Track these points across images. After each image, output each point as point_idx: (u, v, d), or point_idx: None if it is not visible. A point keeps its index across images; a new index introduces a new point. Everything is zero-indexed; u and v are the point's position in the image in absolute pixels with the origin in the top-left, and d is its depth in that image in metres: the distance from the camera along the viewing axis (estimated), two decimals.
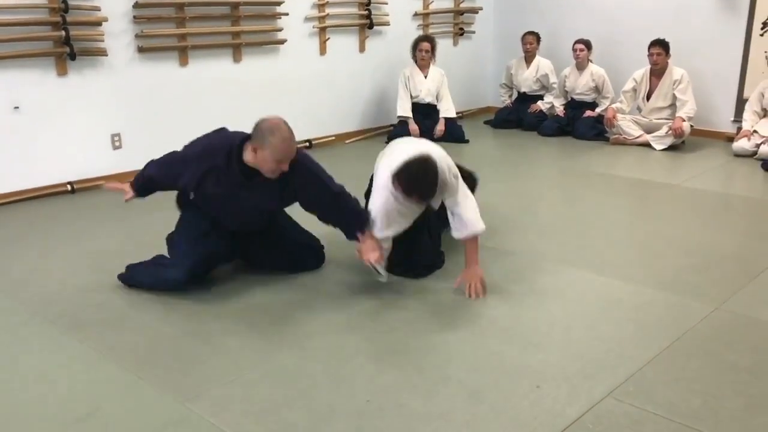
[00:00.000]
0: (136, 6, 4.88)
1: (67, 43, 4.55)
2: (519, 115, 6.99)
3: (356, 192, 3.33)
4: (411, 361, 2.58)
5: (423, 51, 6.39)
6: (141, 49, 4.96)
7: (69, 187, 4.67)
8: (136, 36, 4.94)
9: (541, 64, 6.95)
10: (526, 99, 7.07)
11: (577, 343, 2.72)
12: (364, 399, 2.33)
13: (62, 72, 4.63)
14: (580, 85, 6.60)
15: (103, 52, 4.75)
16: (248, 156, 2.90)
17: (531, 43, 6.92)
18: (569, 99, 6.76)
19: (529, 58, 7.00)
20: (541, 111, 6.89)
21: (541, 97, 7.00)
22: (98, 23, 4.72)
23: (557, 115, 6.74)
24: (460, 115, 7.14)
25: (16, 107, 4.46)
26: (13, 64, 4.42)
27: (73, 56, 4.58)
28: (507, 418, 2.23)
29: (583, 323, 2.88)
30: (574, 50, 6.52)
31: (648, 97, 6.17)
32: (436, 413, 2.25)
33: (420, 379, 2.45)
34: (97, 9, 4.71)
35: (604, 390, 2.37)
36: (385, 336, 2.77)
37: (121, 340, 2.75)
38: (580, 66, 6.57)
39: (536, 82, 7.00)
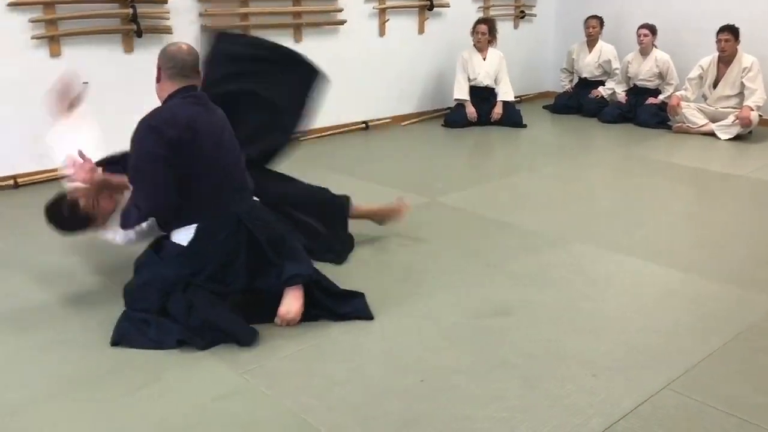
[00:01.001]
0: None
1: (135, 21, 4.65)
2: (579, 100, 6.87)
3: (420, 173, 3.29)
4: (465, 344, 2.58)
5: (480, 33, 6.33)
6: (205, 28, 5.03)
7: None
8: (200, 14, 5.02)
9: (604, 49, 6.80)
10: (587, 84, 6.94)
11: (634, 332, 2.67)
12: (417, 379, 2.34)
13: (129, 49, 4.74)
14: (644, 71, 6.44)
15: (168, 30, 4.84)
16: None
17: (594, 27, 6.77)
18: (631, 85, 6.60)
19: (591, 42, 6.86)
20: (602, 97, 6.75)
21: (602, 83, 6.87)
22: (164, 1, 4.80)
23: (619, 101, 6.60)
24: (519, 99, 7.06)
25: (85, 82, 4.57)
26: (82, 41, 4.54)
27: (139, 34, 4.69)
28: (562, 405, 2.21)
29: (640, 313, 2.83)
30: (638, 35, 6.36)
31: (715, 85, 5.98)
32: (489, 396, 2.25)
33: (474, 362, 2.45)
34: None
35: (661, 381, 2.33)
36: (438, 319, 2.78)
37: None
38: (644, 51, 6.41)
39: (598, 67, 6.86)
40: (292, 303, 2.67)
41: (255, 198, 2.86)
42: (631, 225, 3.86)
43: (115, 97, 4.70)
